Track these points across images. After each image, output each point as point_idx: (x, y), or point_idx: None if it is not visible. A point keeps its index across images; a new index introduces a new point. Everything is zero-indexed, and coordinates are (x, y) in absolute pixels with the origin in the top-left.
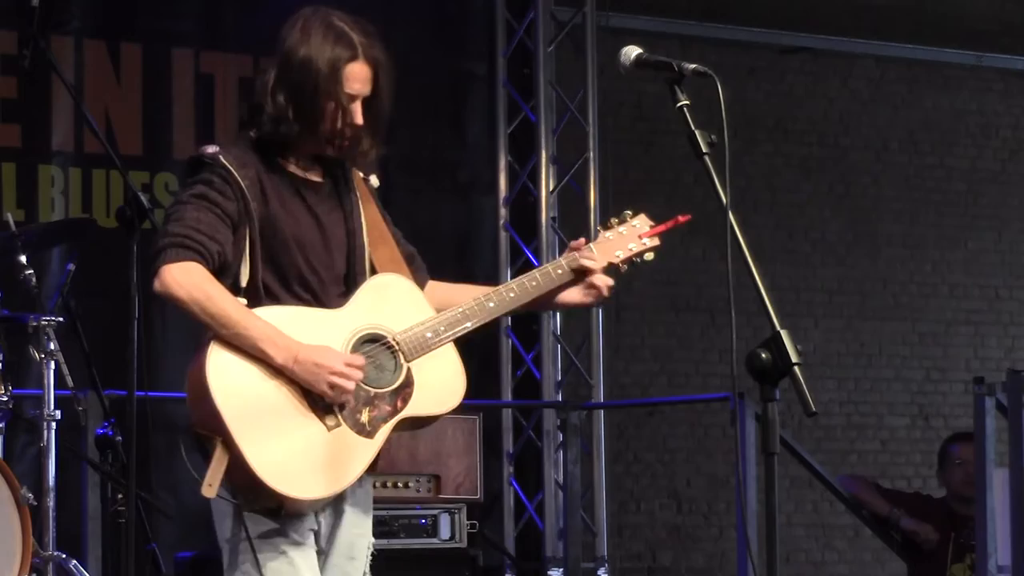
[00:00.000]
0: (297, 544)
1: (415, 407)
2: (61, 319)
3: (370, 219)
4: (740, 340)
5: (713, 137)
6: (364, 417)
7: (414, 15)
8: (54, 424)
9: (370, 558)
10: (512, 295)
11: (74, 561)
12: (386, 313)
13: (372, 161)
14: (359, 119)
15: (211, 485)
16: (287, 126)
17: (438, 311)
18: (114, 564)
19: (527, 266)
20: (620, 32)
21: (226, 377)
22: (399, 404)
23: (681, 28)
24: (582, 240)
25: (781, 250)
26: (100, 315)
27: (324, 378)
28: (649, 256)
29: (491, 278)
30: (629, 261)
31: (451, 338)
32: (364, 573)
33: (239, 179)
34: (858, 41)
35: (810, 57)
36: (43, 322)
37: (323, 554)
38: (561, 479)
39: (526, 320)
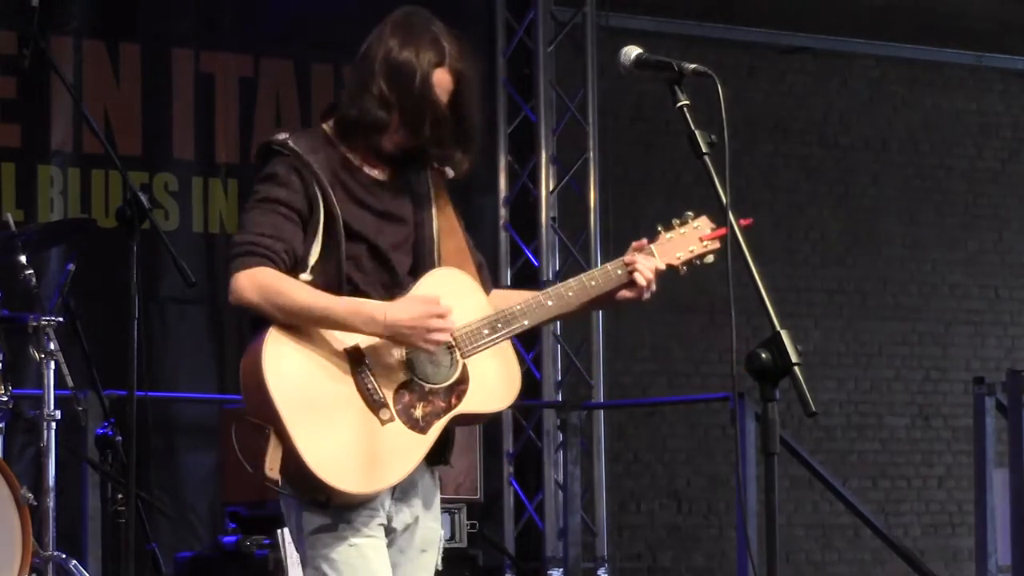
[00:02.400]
0: (367, 536)
1: (469, 404)
2: (61, 319)
3: (441, 212)
4: (740, 340)
5: (713, 137)
6: (418, 412)
7: None
8: (54, 424)
9: (442, 550)
10: (571, 294)
11: (74, 561)
12: None
13: (464, 170)
14: (445, 117)
15: (272, 469)
16: (388, 111)
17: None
18: (114, 564)
19: (527, 266)
20: (620, 32)
21: (281, 367)
22: (453, 401)
23: (681, 28)
24: (644, 241)
25: (781, 250)
26: (100, 315)
27: (421, 337)
28: (709, 259)
29: (491, 278)
30: (689, 263)
31: (508, 335)
32: (437, 564)
33: (310, 162)
34: (858, 41)
35: (810, 57)
36: (43, 322)
37: (397, 547)
38: (561, 479)
39: None
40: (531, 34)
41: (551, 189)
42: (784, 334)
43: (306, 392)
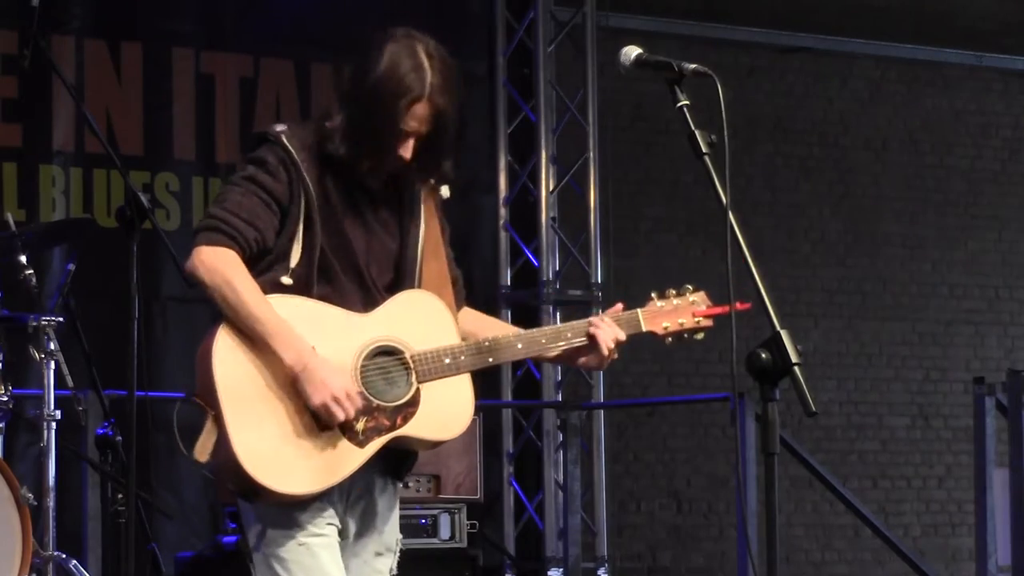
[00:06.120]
0: (316, 535)
1: (413, 428)
2: (61, 319)
3: (428, 232)
4: (740, 340)
5: (713, 137)
6: (359, 426)
7: (413, 15)
8: (54, 424)
9: (399, 554)
10: (544, 340)
11: (74, 561)
12: (410, 329)
13: (429, 188)
14: (407, 155)
15: (202, 453)
16: (342, 146)
17: (463, 338)
18: (114, 564)
19: (527, 266)
20: (620, 32)
21: (231, 357)
22: (399, 421)
23: (681, 28)
24: (619, 307)
25: (781, 250)
26: (100, 315)
27: (323, 397)
28: (699, 336)
29: (491, 278)
30: (677, 335)
31: (469, 369)
32: (392, 568)
33: (298, 160)
34: (858, 41)
35: (810, 57)
36: (43, 322)
37: (350, 551)
38: (561, 479)
39: (525, 320)
40: (531, 34)
41: (551, 189)
42: (784, 334)
43: (251, 387)
